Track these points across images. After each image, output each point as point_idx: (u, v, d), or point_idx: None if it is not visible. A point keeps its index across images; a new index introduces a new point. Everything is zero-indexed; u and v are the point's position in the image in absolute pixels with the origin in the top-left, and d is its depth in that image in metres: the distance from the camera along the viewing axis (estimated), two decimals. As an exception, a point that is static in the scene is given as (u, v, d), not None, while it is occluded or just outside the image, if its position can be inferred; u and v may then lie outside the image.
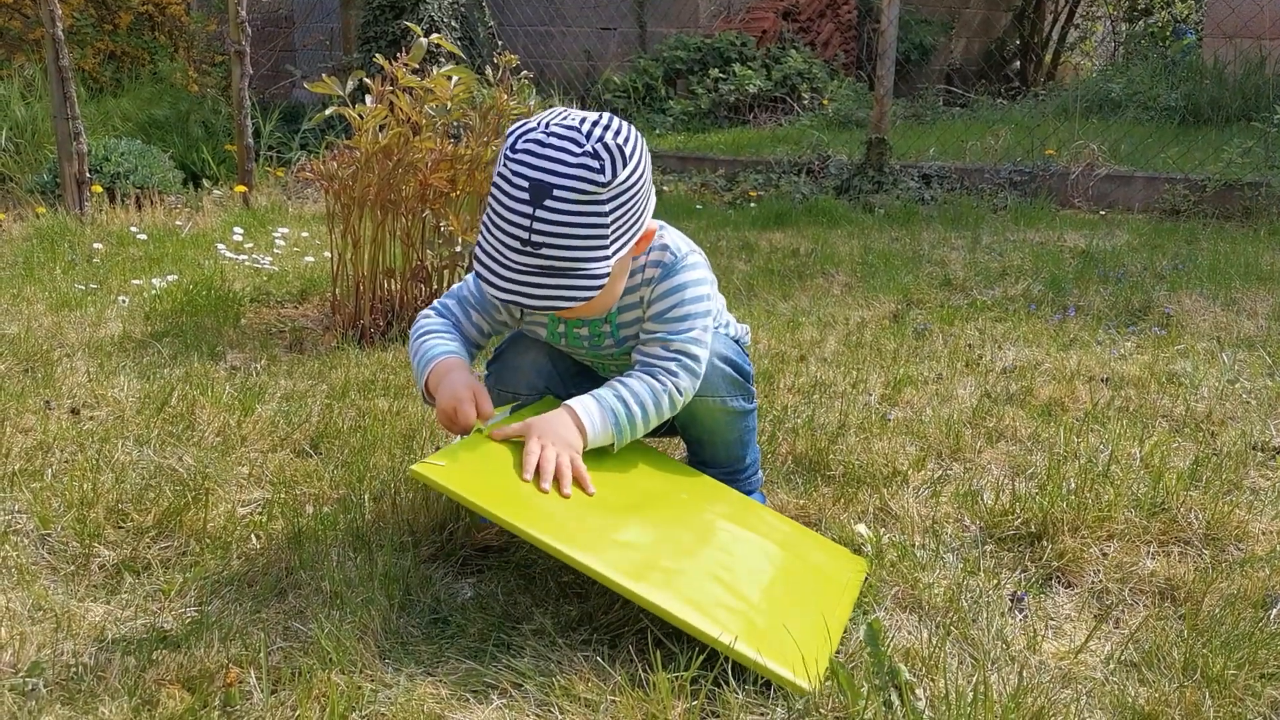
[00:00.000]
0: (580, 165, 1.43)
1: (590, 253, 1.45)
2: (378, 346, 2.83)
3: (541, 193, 1.43)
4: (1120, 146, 5.64)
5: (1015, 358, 2.71)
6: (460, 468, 1.46)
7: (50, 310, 3.11)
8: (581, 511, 1.46)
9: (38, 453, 2.01)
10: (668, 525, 1.55)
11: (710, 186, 5.89)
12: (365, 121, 2.75)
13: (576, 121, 1.46)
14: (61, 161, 4.54)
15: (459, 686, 1.29)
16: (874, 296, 3.40)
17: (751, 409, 1.75)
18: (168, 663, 1.33)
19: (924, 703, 1.26)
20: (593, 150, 1.43)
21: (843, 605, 1.47)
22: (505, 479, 1.47)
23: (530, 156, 1.45)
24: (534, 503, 1.44)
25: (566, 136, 1.45)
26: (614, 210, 1.46)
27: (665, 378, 1.59)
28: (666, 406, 1.59)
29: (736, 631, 1.31)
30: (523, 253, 1.45)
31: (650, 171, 1.53)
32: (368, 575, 1.52)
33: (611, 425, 1.56)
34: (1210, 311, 3.15)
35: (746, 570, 1.50)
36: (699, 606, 1.34)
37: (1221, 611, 1.47)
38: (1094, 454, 2.05)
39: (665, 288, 1.61)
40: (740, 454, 1.77)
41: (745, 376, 1.72)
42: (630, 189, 1.47)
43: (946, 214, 4.94)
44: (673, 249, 1.62)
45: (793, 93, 7.89)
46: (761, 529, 1.63)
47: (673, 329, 1.60)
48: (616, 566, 1.36)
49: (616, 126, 1.48)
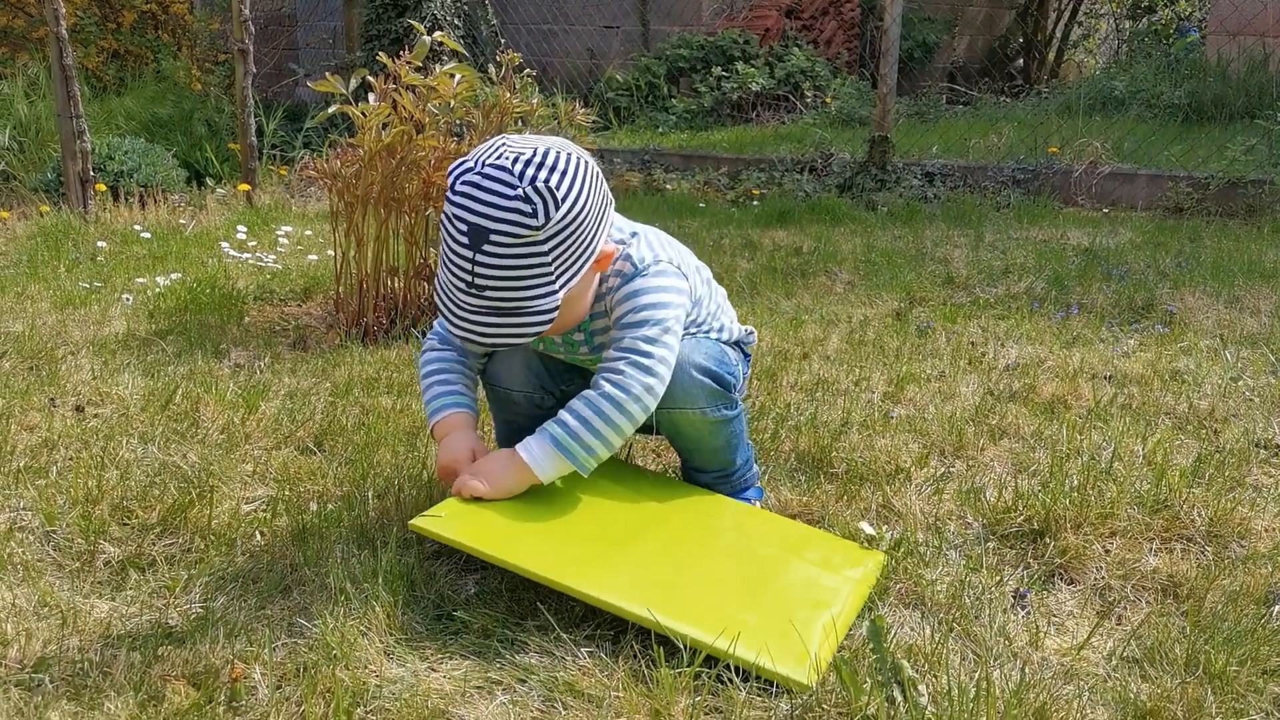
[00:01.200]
0: (513, 209, 1.42)
1: (534, 291, 1.45)
2: (381, 344, 2.84)
3: (479, 237, 1.43)
4: (1124, 144, 5.64)
5: (1018, 355, 2.71)
6: (457, 517, 1.50)
7: (54, 308, 3.12)
8: (581, 544, 1.51)
9: (42, 450, 2.02)
10: (667, 544, 1.58)
11: (713, 185, 5.89)
12: (368, 120, 2.76)
13: (510, 160, 1.44)
14: (65, 160, 4.55)
15: (463, 682, 1.30)
16: (877, 294, 3.40)
17: (735, 414, 1.73)
18: (173, 658, 1.34)
19: (926, 699, 1.26)
20: (524, 194, 1.41)
21: (854, 598, 1.48)
22: (502, 523, 1.52)
23: (467, 200, 1.44)
24: (531, 542, 1.48)
25: (498, 179, 1.43)
26: (555, 248, 1.45)
27: (611, 383, 1.56)
28: (623, 412, 1.55)
29: (735, 636, 1.32)
30: (469, 294, 1.46)
31: (600, 195, 1.51)
32: (372, 572, 1.53)
33: (563, 454, 1.56)
34: (1213, 309, 3.15)
35: (745, 576, 1.52)
36: (696, 616, 1.36)
37: (1224, 608, 1.47)
38: (1097, 451, 2.05)
39: (622, 294, 1.60)
40: (729, 458, 1.77)
41: (726, 386, 1.69)
42: (571, 225, 1.45)
43: (949, 212, 4.94)
44: (635, 259, 1.60)
45: (795, 91, 7.89)
46: (761, 534, 1.65)
47: (629, 332, 1.59)
48: (616, 590, 1.39)
49: (552, 162, 1.44)
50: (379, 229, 2.90)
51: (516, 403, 1.79)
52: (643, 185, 5.75)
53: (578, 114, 3.13)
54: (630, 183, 5.78)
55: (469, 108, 2.89)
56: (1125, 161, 5.36)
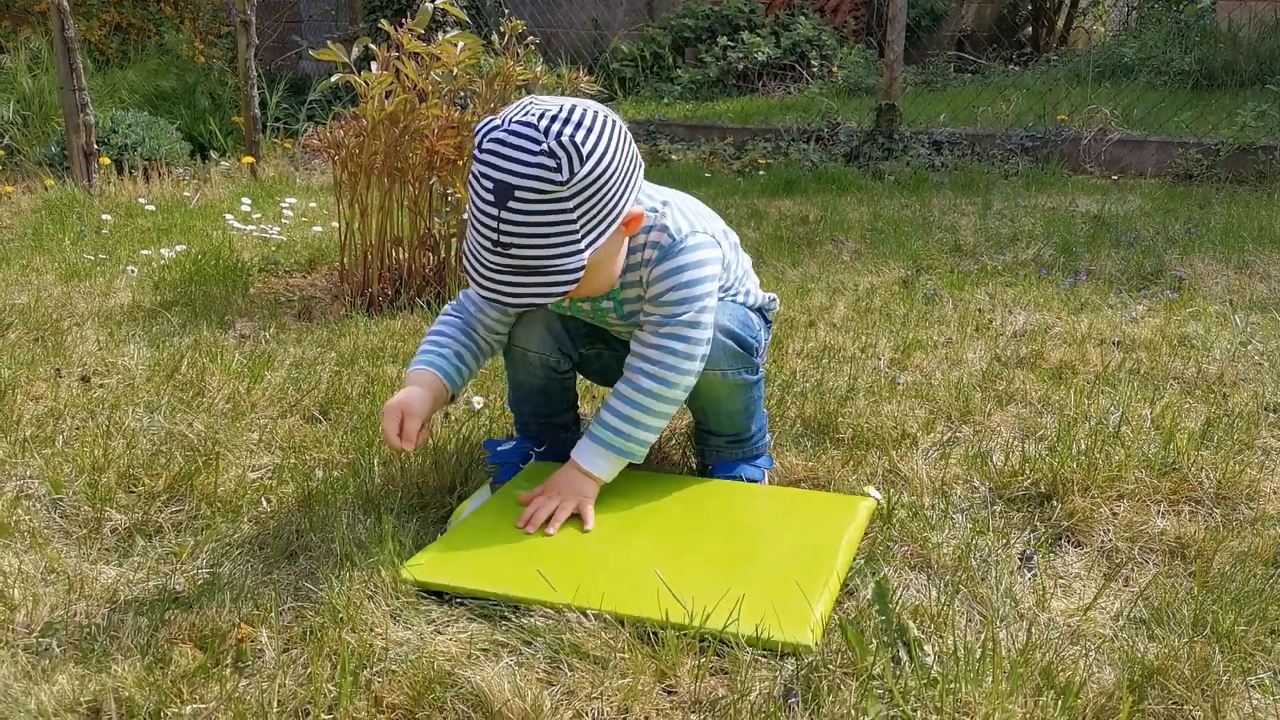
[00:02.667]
0: (537, 165, 1.39)
1: (559, 249, 1.43)
2: (386, 314, 2.83)
3: (504, 194, 1.41)
4: (1133, 111, 5.59)
5: (1026, 322, 2.70)
6: (440, 561, 1.48)
7: (60, 280, 3.12)
8: (566, 560, 1.48)
9: (49, 419, 2.02)
10: (655, 540, 1.55)
11: (719, 155, 5.86)
12: (371, 88, 2.74)
13: (535, 117, 1.41)
14: (69, 133, 4.54)
15: (469, 644, 1.30)
16: (883, 262, 3.38)
17: (756, 379, 1.74)
18: (180, 622, 1.34)
19: (932, 658, 1.26)
20: (549, 149, 1.39)
21: (846, 549, 1.49)
22: (484, 554, 1.50)
23: (493, 156, 1.42)
24: (510, 571, 1.45)
25: (524, 134, 1.41)
26: (580, 205, 1.43)
27: (650, 376, 1.58)
28: (665, 400, 1.60)
29: (733, 611, 1.31)
30: (495, 252, 1.44)
31: (628, 156, 1.49)
32: (377, 538, 1.53)
33: (616, 453, 1.61)
34: (1223, 275, 3.13)
35: (737, 552, 1.51)
36: (690, 601, 1.34)
37: (1232, 569, 1.47)
38: (1104, 415, 2.04)
39: (661, 271, 1.58)
40: (745, 424, 1.77)
41: (749, 350, 1.70)
42: (596, 182, 1.43)
43: (957, 180, 4.91)
44: (671, 230, 1.58)
45: (802, 60, 7.83)
46: (749, 508, 1.66)
47: (667, 313, 1.58)
48: (609, 597, 1.36)
49: (579, 118, 1.42)
50: (383, 199, 2.89)
51: (532, 364, 1.78)
52: (648, 156, 5.71)
53: (581, 82, 3.11)
54: (635, 153, 5.74)
55: (472, 76, 2.86)
56: (1134, 128, 5.31)
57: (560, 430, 1.88)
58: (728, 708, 1.17)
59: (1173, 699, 1.19)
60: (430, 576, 1.43)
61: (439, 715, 1.17)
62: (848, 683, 1.22)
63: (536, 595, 1.38)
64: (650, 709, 1.19)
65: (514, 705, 1.17)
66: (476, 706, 1.18)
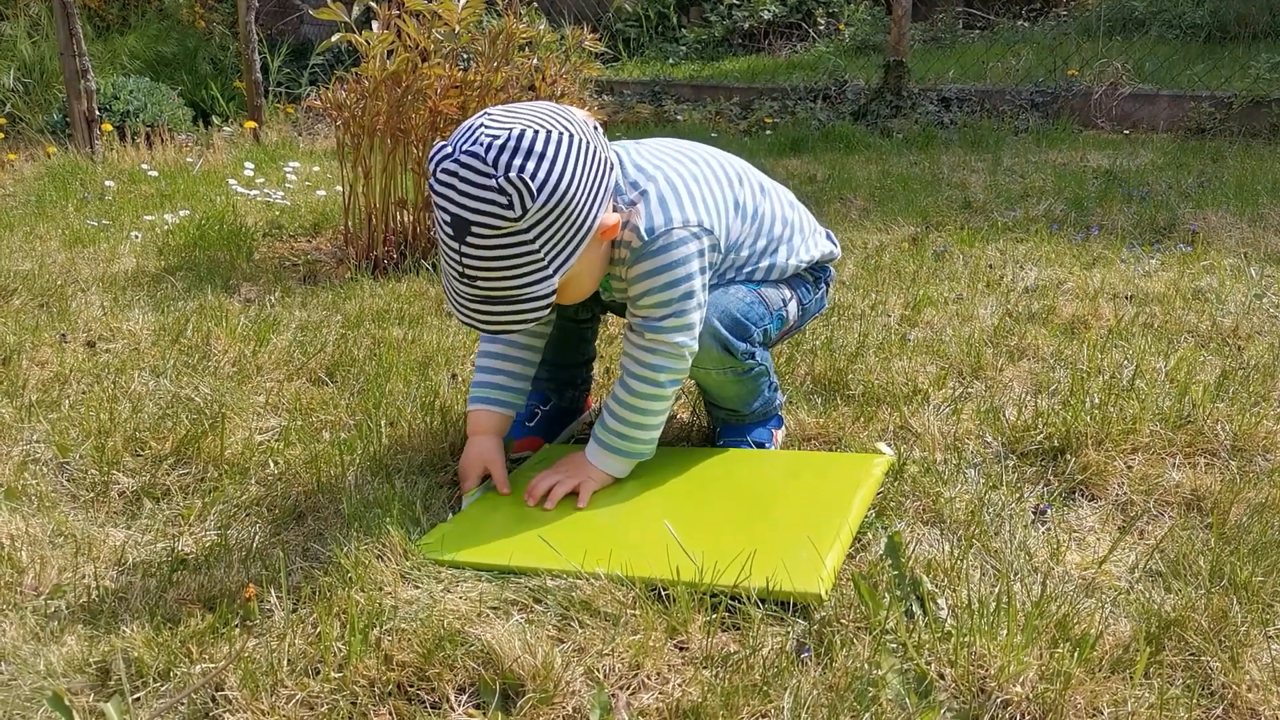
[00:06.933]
0: (489, 201, 1.34)
1: (526, 278, 1.39)
2: (391, 277, 2.81)
3: (461, 229, 1.37)
4: (1144, 65, 5.52)
5: (1037, 277, 2.67)
6: (451, 538, 1.46)
7: (64, 246, 3.10)
8: (576, 530, 1.48)
9: (55, 384, 2.01)
10: (666, 506, 1.54)
11: (725, 115, 5.80)
12: (373, 48, 2.70)
13: (484, 147, 1.35)
14: (71, 100, 4.50)
15: (479, 603, 1.29)
16: (892, 220, 3.35)
17: (748, 373, 1.67)
18: (188, 584, 1.34)
19: (946, 612, 1.25)
20: (498, 186, 1.34)
21: (859, 504, 1.47)
22: (493, 530, 1.48)
23: (447, 189, 1.37)
24: (521, 544, 1.44)
25: (473, 168, 1.35)
26: (541, 235, 1.38)
27: (636, 377, 1.56)
28: (657, 398, 1.57)
29: (744, 568, 1.29)
30: (462, 283, 1.41)
31: (591, 170, 1.41)
32: (385, 498, 1.52)
33: (622, 454, 1.60)
34: (1236, 228, 3.09)
35: (745, 513, 1.49)
36: (700, 557, 1.33)
37: (1249, 520, 1.45)
38: (1118, 369, 2.02)
39: (635, 273, 1.52)
40: (743, 406, 1.73)
41: (734, 353, 1.62)
42: (555, 209, 1.37)
43: (966, 137, 4.86)
44: (643, 230, 1.49)
45: (808, 18, 7.73)
46: (758, 473, 1.64)
47: (647, 315, 1.54)
48: (617, 559, 1.34)
49: (528, 145, 1.35)
50: (386, 161, 2.86)
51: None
52: (653, 117, 5.66)
53: (586, 39, 3.07)
54: (641, 115, 5.70)
55: (475, 35, 2.82)
56: (1146, 83, 5.24)
57: (567, 387, 1.86)
58: (740, 662, 1.17)
59: (1190, 650, 1.18)
60: (441, 554, 1.42)
61: (449, 672, 1.16)
62: (861, 636, 1.20)
63: (547, 564, 1.37)
64: (662, 665, 1.18)
65: (524, 662, 1.16)
66: (487, 664, 1.17)
